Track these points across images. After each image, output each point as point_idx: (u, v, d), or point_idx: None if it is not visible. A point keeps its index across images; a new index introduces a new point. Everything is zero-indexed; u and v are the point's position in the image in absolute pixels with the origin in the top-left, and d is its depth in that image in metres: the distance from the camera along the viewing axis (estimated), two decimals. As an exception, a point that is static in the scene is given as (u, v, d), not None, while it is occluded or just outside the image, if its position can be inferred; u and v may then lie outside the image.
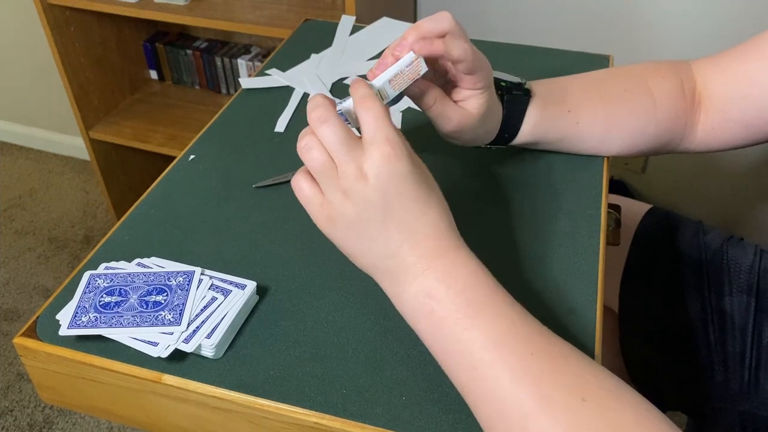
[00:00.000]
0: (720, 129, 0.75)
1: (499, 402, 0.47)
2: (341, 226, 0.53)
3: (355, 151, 0.51)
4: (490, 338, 0.49)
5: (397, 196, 0.51)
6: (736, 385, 0.85)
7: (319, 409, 0.54)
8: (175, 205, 0.74)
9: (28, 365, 0.61)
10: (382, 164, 0.50)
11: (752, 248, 0.90)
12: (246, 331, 0.60)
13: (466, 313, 0.50)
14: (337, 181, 0.52)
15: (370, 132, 0.51)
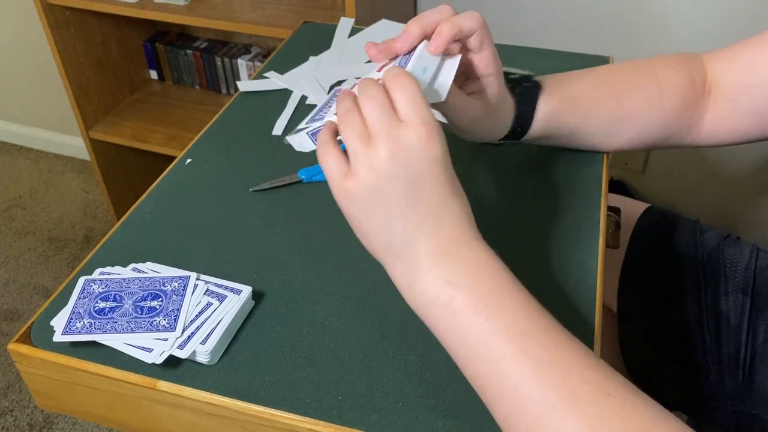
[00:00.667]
0: (730, 118, 0.75)
1: (521, 397, 0.46)
2: (361, 199, 0.51)
3: (392, 130, 0.50)
4: (513, 330, 0.47)
5: (426, 178, 0.50)
6: (731, 385, 0.85)
7: (315, 416, 0.54)
8: (172, 209, 0.73)
9: (23, 371, 0.60)
10: (416, 145, 0.50)
11: (749, 247, 0.90)
12: (241, 337, 0.59)
13: (489, 303, 0.48)
14: (368, 153, 0.50)
15: (406, 111, 0.50)
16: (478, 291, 0.49)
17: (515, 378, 0.46)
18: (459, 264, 0.50)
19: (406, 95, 0.51)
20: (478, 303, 0.48)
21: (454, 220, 0.52)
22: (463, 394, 0.55)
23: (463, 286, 0.49)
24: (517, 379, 0.46)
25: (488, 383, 0.48)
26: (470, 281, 0.49)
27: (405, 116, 0.50)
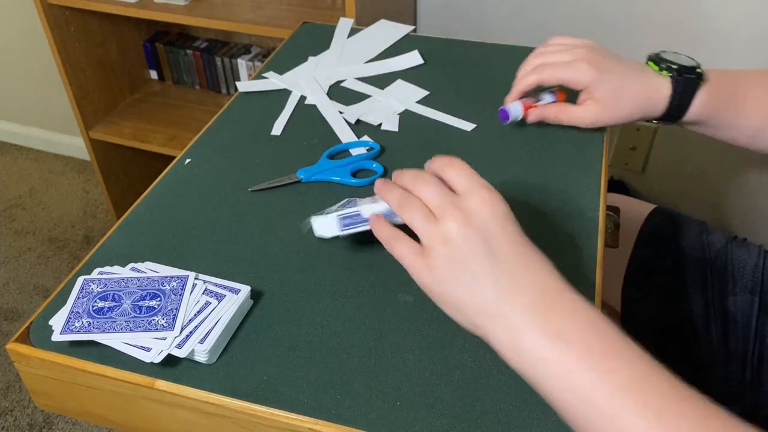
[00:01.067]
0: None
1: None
2: (444, 272, 0.51)
3: (456, 202, 0.52)
4: (634, 382, 0.45)
5: (501, 235, 0.51)
6: (737, 384, 0.85)
7: (313, 415, 0.54)
8: (171, 209, 0.73)
9: (22, 371, 0.60)
10: (482, 207, 0.51)
11: (756, 249, 0.90)
12: (240, 336, 0.59)
13: (603, 356, 0.46)
14: (439, 227, 0.51)
15: (464, 184, 0.53)
16: (592, 342, 0.47)
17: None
18: (562, 316, 0.48)
19: (459, 172, 0.54)
20: (593, 357, 0.46)
21: (542, 270, 0.51)
22: (461, 393, 0.55)
23: (577, 339, 0.47)
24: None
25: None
26: (579, 334, 0.47)
27: (464, 190, 0.53)
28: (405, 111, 0.89)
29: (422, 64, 0.98)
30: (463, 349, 0.58)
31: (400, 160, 0.80)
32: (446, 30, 1.66)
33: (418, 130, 0.85)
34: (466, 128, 0.85)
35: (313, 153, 0.81)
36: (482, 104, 0.90)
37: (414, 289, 0.63)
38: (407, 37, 1.06)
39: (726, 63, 1.52)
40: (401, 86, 0.94)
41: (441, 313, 0.61)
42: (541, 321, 0.48)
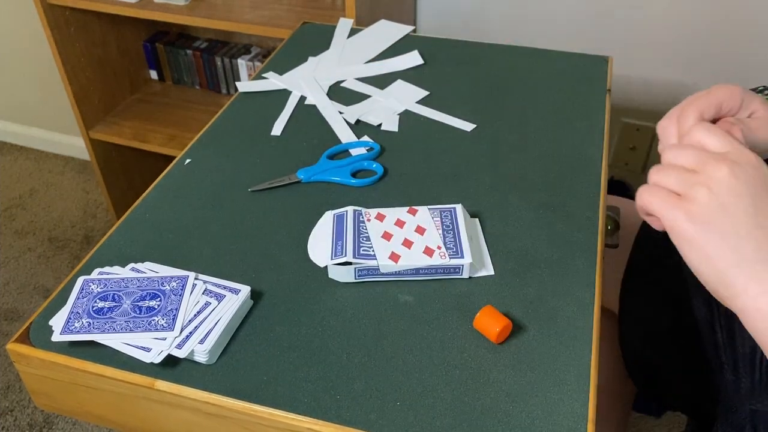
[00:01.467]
0: None
1: None
2: (702, 219, 0.48)
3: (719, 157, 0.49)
4: None
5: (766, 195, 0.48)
6: (747, 384, 0.84)
7: (313, 415, 0.54)
8: (171, 209, 0.73)
9: (22, 371, 0.60)
10: (749, 166, 0.48)
11: None
12: (240, 336, 0.59)
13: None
14: (702, 177, 0.49)
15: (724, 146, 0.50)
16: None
17: None
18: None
19: (714, 137, 0.51)
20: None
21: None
22: (460, 393, 0.55)
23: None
24: None
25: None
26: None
27: (724, 149, 0.50)
28: (405, 111, 0.89)
29: (422, 64, 0.98)
30: (463, 349, 0.58)
31: (399, 160, 0.80)
32: (446, 30, 1.66)
33: (418, 130, 0.85)
34: (466, 128, 0.85)
35: (313, 153, 0.81)
36: (482, 104, 0.90)
37: (414, 289, 0.63)
38: (407, 37, 1.06)
39: (726, 63, 1.52)
40: (401, 86, 0.94)
41: (441, 313, 0.61)
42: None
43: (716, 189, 0.48)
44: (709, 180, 0.48)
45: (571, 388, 0.55)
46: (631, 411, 1.00)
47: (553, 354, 0.58)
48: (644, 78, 1.58)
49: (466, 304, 0.62)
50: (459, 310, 0.62)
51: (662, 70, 1.57)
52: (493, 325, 0.58)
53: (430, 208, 0.68)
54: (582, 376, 0.56)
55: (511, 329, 0.59)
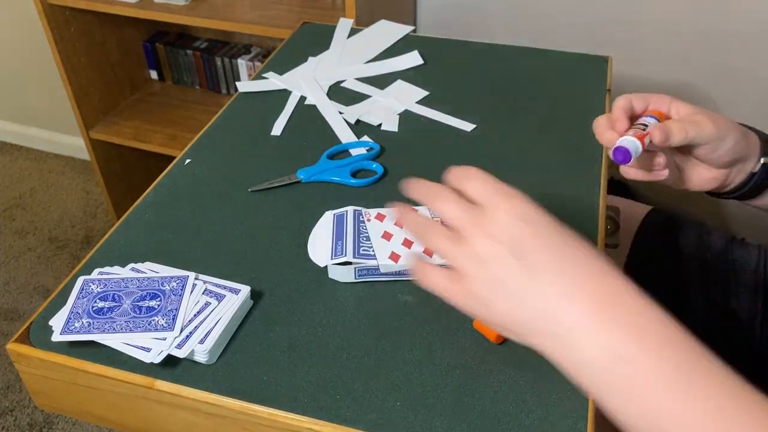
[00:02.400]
0: None
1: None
2: (482, 294, 0.47)
3: (477, 218, 0.47)
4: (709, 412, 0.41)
5: (533, 241, 0.46)
6: None
7: (313, 415, 0.54)
8: (171, 209, 0.73)
9: (22, 371, 0.60)
10: (506, 218, 0.46)
11: (756, 249, 0.90)
12: (240, 336, 0.59)
13: (677, 380, 0.42)
14: (468, 252, 0.47)
15: (482, 195, 0.48)
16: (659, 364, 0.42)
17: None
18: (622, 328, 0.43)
19: (476, 183, 0.49)
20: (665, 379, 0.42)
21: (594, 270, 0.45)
22: (460, 393, 0.55)
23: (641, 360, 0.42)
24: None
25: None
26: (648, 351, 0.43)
27: (483, 201, 0.48)
28: (405, 111, 0.89)
29: (422, 64, 0.98)
30: (463, 349, 0.58)
31: (399, 160, 0.80)
32: (446, 30, 1.66)
33: (418, 130, 0.85)
34: (466, 128, 0.85)
35: (313, 153, 0.81)
36: (482, 104, 0.90)
37: (414, 289, 0.63)
38: (407, 37, 1.06)
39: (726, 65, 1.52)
40: (401, 86, 0.94)
41: (441, 313, 0.61)
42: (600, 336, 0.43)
43: (484, 265, 0.46)
44: (473, 253, 0.47)
45: (571, 388, 0.55)
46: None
47: (553, 354, 0.57)
48: (644, 78, 1.58)
49: (466, 304, 0.62)
50: (459, 310, 0.61)
51: (662, 70, 1.57)
52: (493, 325, 0.58)
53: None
54: (582, 376, 0.55)
55: (511, 329, 0.59)
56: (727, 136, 0.64)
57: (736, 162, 0.68)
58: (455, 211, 0.48)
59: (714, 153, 0.66)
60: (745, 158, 0.68)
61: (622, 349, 0.43)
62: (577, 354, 0.44)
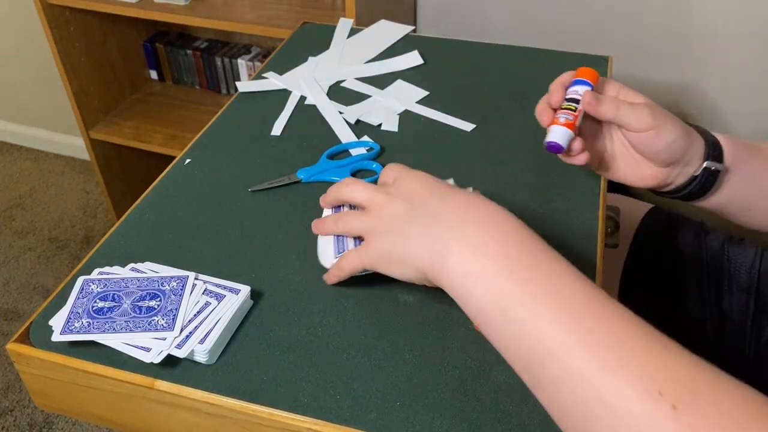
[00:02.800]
0: None
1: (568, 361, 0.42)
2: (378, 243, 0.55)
3: (375, 190, 0.57)
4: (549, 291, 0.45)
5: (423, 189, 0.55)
6: (743, 381, 0.85)
7: (313, 415, 0.54)
8: (171, 209, 0.73)
9: (22, 371, 0.60)
10: (401, 184, 0.56)
11: (753, 248, 0.90)
12: (240, 336, 0.59)
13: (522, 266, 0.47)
14: (369, 218, 0.56)
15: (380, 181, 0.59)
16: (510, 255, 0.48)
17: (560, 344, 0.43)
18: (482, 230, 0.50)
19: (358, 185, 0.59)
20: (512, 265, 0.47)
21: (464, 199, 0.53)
22: (461, 393, 0.55)
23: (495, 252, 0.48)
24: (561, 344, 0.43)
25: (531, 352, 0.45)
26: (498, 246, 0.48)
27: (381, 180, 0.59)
28: (405, 111, 0.89)
29: (422, 64, 0.98)
30: (463, 349, 0.58)
31: (399, 160, 0.79)
32: (446, 30, 1.66)
33: (418, 131, 0.85)
34: (466, 128, 0.85)
35: (313, 153, 0.81)
36: (482, 104, 0.90)
37: (414, 289, 0.63)
38: (407, 37, 1.06)
39: (725, 64, 1.52)
40: (401, 86, 0.94)
41: (441, 313, 0.61)
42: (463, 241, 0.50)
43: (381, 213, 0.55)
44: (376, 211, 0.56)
45: (571, 388, 0.55)
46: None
47: (553, 354, 0.57)
48: (644, 78, 1.58)
49: (466, 304, 0.62)
50: (459, 310, 0.61)
51: (662, 70, 1.57)
52: (493, 325, 0.58)
53: None
54: (582, 376, 0.55)
55: (511, 329, 0.59)
56: (663, 129, 0.63)
57: (676, 162, 0.66)
58: (363, 191, 0.58)
59: (652, 147, 0.64)
60: (686, 160, 0.66)
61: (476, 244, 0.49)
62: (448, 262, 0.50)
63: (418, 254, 0.52)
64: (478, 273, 0.48)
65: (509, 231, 0.50)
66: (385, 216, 0.55)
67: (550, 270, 0.47)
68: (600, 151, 0.70)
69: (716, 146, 0.67)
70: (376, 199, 0.56)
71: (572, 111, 0.66)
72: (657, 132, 0.63)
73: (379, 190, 0.57)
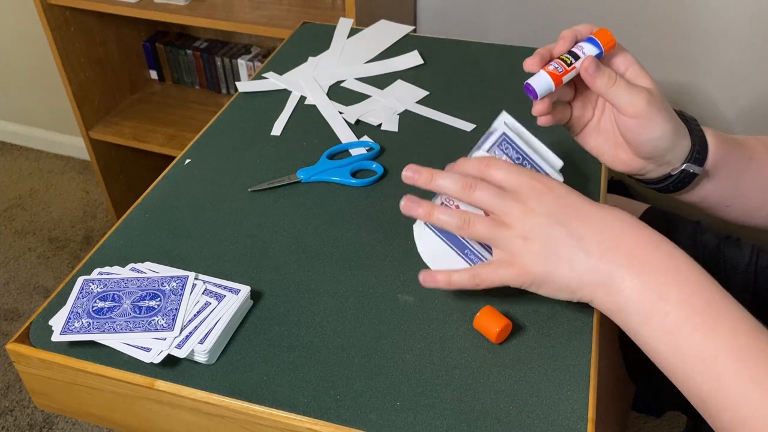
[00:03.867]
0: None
1: (745, 417, 0.46)
2: (536, 267, 0.53)
3: (509, 199, 0.54)
4: (733, 347, 0.47)
5: (572, 211, 0.53)
6: None
7: (313, 415, 0.54)
8: (171, 209, 0.73)
9: (22, 371, 0.60)
10: (538, 195, 0.53)
11: (749, 248, 0.90)
12: (239, 336, 0.59)
13: (705, 319, 0.48)
14: (510, 232, 0.53)
15: (511, 180, 0.54)
16: (692, 303, 0.49)
17: (738, 396, 0.46)
18: (661, 273, 0.50)
19: (499, 170, 0.55)
20: (695, 317, 0.48)
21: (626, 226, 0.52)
22: (460, 393, 0.55)
23: (677, 300, 0.49)
24: (740, 397, 0.46)
25: (710, 398, 0.48)
26: (683, 293, 0.49)
27: (513, 185, 0.54)
28: (405, 111, 0.89)
29: (422, 64, 0.98)
30: (463, 349, 0.58)
31: (399, 160, 0.80)
32: (446, 30, 1.66)
33: (418, 131, 0.85)
34: (466, 128, 0.85)
35: (313, 153, 0.81)
36: (482, 104, 0.90)
37: (414, 289, 0.63)
38: (407, 37, 1.06)
39: (724, 64, 1.52)
40: (401, 86, 0.94)
41: (441, 313, 0.61)
42: (640, 281, 0.50)
43: (532, 235, 0.53)
44: (521, 234, 0.53)
45: (571, 388, 0.55)
46: (630, 411, 1.00)
47: (553, 354, 0.58)
48: (644, 78, 1.58)
49: (466, 304, 0.62)
50: (459, 310, 0.62)
51: (662, 70, 1.57)
52: (493, 325, 0.58)
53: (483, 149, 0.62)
54: (582, 376, 0.56)
55: (511, 329, 0.59)
56: (652, 123, 0.60)
57: (655, 159, 0.64)
58: (492, 198, 0.54)
59: (636, 136, 0.61)
60: (666, 160, 0.64)
61: (658, 289, 0.49)
62: (620, 296, 0.51)
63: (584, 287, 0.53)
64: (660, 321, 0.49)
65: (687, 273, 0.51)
66: (538, 238, 0.53)
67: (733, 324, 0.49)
68: (587, 116, 0.67)
69: (702, 148, 0.64)
70: (518, 216, 0.53)
71: (566, 65, 0.62)
72: (645, 122, 0.60)
73: (514, 205, 0.54)
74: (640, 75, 0.63)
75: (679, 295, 0.49)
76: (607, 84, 0.60)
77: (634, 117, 0.60)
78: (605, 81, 0.59)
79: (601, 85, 0.60)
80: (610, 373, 0.88)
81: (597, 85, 0.60)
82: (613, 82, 0.60)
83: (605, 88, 0.60)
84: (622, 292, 0.51)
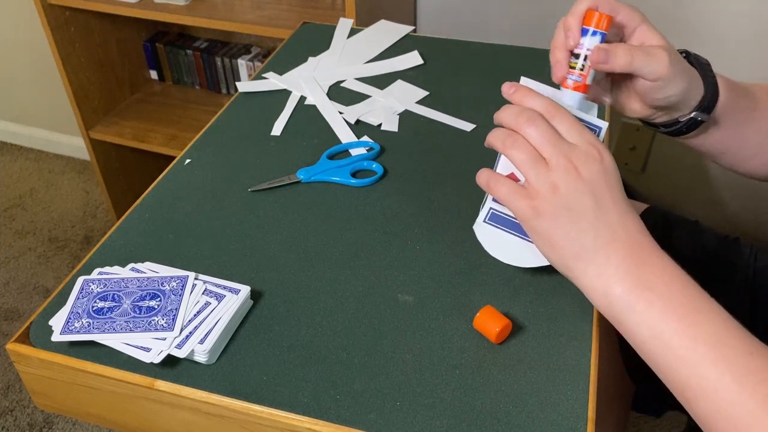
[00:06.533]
0: None
1: (721, 400, 0.48)
2: (548, 216, 0.53)
3: (563, 147, 0.53)
4: (712, 336, 0.50)
5: (608, 191, 0.53)
6: None
7: (313, 415, 0.54)
8: (171, 209, 0.73)
9: (22, 371, 0.60)
10: (592, 161, 0.53)
11: (748, 248, 0.90)
12: (239, 336, 0.59)
13: (690, 310, 0.51)
14: (547, 173, 0.53)
15: (573, 137, 0.54)
16: (679, 297, 0.51)
17: (715, 382, 0.49)
18: (656, 269, 0.52)
19: (566, 122, 0.55)
20: (680, 308, 0.51)
21: (637, 228, 0.54)
22: (460, 393, 0.55)
23: (665, 291, 0.51)
24: (717, 382, 0.49)
25: (689, 384, 0.50)
26: (671, 287, 0.52)
27: (572, 140, 0.54)
28: (405, 111, 0.89)
29: (422, 64, 0.99)
30: (463, 349, 0.58)
31: (400, 160, 0.80)
32: (446, 30, 1.66)
33: (418, 130, 0.85)
34: (466, 128, 0.85)
35: (313, 153, 0.81)
36: (482, 104, 0.90)
37: (414, 289, 0.63)
38: (407, 37, 1.06)
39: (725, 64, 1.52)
40: (401, 86, 0.94)
41: (441, 313, 0.61)
42: (632, 274, 0.52)
43: (563, 190, 0.53)
44: (556, 179, 0.53)
45: (571, 388, 0.55)
46: (630, 411, 1.00)
47: (553, 354, 0.58)
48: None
49: (466, 304, 0.62)
50: (459, 310, 0.62)
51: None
52: (493, 325, 0.58)
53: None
54: (582, 376, 0.56)
55: (511, 329, 0.59)
56: (671, 83, 0.61)
57: (667, 109, 0.65)
58: (544, 136, 0.54)
59: (652, 94, 0.62)
60: (677, 109, 0.65)
61: (647, 281, 0.52)
62: (609, 288, 0.52)
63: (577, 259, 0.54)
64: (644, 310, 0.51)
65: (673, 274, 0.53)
66: (566, 196, 0.53)
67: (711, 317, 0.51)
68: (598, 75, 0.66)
69: (713, 96, 0.66)
70: (561, 164, 0.53)
71: (581, 70, 0.60)
72: (664, 83, 0.61)
73: (564, 154, 0.53)
74: (650, 34, 0.62)
75: (667, 288, 0.51)
76: (625, 63, 0.59)
77: (656, 80, 0.61)
78: (622, 62, 0.59)
79: (623, 65, 0.59)
80: (610, 373, 0.88)
81: (617, 69, 0.59)
82: (630, 57, 0.59)
83: (627, 66, 0.59)
84: (612, 279, 0.52)
